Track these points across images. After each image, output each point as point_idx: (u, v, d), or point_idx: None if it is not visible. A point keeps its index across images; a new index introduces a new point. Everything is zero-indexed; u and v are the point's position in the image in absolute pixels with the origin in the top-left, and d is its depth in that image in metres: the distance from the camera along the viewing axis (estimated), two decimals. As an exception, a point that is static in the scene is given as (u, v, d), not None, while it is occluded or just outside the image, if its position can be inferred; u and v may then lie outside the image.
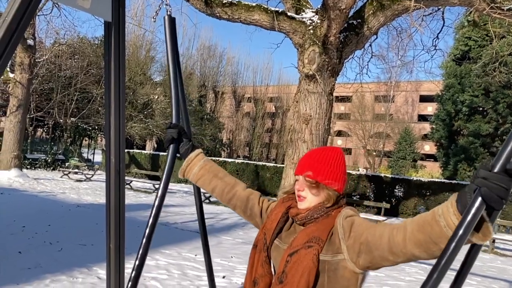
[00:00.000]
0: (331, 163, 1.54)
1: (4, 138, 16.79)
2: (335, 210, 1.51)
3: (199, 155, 1.81)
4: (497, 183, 0.96)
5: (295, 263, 1.40)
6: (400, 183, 16.75)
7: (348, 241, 1.38)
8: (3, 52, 2.10)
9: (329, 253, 1.40)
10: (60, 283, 4.79)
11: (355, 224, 1.41)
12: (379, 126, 42.98)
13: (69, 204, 11.06)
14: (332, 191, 1.51)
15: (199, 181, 1.80)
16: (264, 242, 1.58)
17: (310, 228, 1.48)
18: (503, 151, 0.98)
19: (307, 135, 9.63)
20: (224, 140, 39.33)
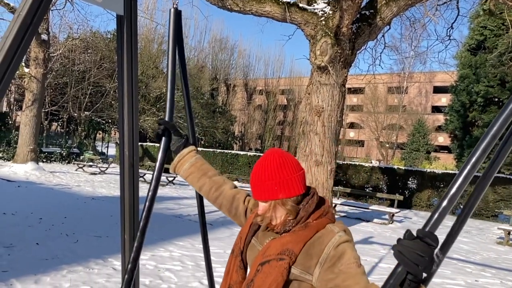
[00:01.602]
0: (274, 174, 1.42)
1: (20, 132, 17.06)
2: (315, 221, 1.41)
3: (192, 152, 1.79)
4: (416, 252, 0.99)
5: (265, 273, 1.36)
6: (413, 175, 16.62)
7: (324, 272, 1.31)
8: (18, 46, 2.14)
9: (299, 267, 1.35)
10: (76, 273, 4.89)
11: (342, 262, 1.29)
12: (392, 118, 42.60)
13: (84, 196, 11.23)
14: (290, 200, 1.41)
15: (188, 178, 1.78)
16: (239, 246, 1.55)
17: (285, 238, 1.41)
18: (428, 220, 1.02)
19: (319, 127, 9.60)
20: (236, 133, 39.40)
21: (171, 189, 15.37)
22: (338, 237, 1.35)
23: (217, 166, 21.69)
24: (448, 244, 1.02)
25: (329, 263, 1.30)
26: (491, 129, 0.98)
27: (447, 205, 1.00)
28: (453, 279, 6.23)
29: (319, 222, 1.42)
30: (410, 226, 11.60)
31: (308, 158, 9.73)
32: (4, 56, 2.17)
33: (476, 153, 0.98)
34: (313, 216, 1.43)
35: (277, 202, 1.42)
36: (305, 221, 1.42)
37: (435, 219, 1.00)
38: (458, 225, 1.03)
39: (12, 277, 4.50)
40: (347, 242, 1.34)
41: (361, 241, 8.70)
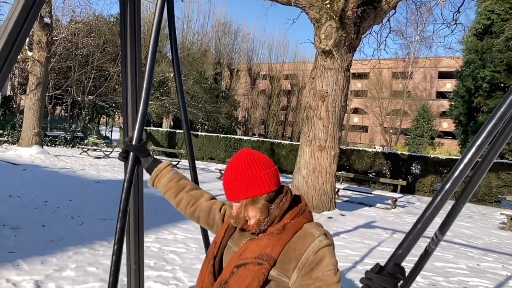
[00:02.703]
0: (243, 172, 1.41)
1: (24, 115, 17.12)
2: (291, 221, 1.39)
3: (168, 166, 1.77)
4: (380, 284, 1.04)
5: (241, 277, 1.33)
6: (417, 160, 16.62)
7: (301, 277, 1.29)
8: (21, 28, 2.14)
9: (277, 269, 1.33)
10: (82, 255, 4.96)
11: (320, 269, 1.28)
12: (396, 103, 42.41)
13: (88, 180, 11.31)
14: (261, 198, 1.40)
15: (167, 193, 1.74)
16: (212, 250, 1.52)
17: (263, 240, 1.37)
18: (395, 252, 1.05)
19: (323, 112, 9.59)
20: (240, 118, 39.34)
21: (175, 173, 15.44)
22: (318, 241, 1.32)
23: (221, 151, 21.75)
24: (447, 225, 1.03)
25: (307, 268, 1.29)
26: (498, 110, 0.97)
27: (450, 188, 1.00)
28: (455, 263, 6.28)
29: (296, 222, 1.39)
30: (413, 211, 11.64)
31: (311, 143, 9.74)
32: (7, 38, 2.17)
33: (482, 134, 0.97)
34: (289, 215, 1.40)
35: (248, 201, 1.41)
36: (280, 220, 1.40)
37: (438, 200, 1.01)
38: (458, 206, 1.03)
39: (19, 258, 4.57)
40: (327, 246, 1.32)
41: (363, 225, 8.75)
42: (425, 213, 1.01)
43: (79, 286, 4.01)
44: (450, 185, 1.00)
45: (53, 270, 4.36)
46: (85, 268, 4.51)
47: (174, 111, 28.53)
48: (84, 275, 4.32)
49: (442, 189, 1.01)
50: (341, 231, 7.97)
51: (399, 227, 8.90)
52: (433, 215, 1.01)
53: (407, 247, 1.03)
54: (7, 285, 3.86)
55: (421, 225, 1.01)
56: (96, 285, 4.08)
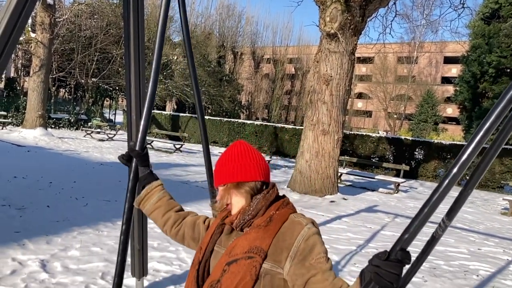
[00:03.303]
0: (234, 159, 1.45)
1: (28, 97, 17.15)
2: (277, 212, 1.40)
3: (159, 186, 1.72)
4: (388, 270, 1.02)
5: (233, 273, 1.31)
6: (420, 145, 16.58)
7: (295, 266, 1.29)
8: (23, 8, 2.13)
9: (269, 261, 1.32)
10: (86, 235, 5.02)
11: (312, 256, 1.29)
12: (401, 88, 42.17)
13: (92, 162, 11.37)
14: (247, 184, 1.42)
15: (154, 212, 1.68)
16: (197, 256, 1.50)
17: (251, 234, 1.37)
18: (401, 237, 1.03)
19: (327, 96, 9.55)
20: (243, 102, 39.24)
21: (178, 156, 15.50)
22: (307, 229, 1.33)
23: (224, 135, 21.76)
24: (454, 210, 1.01)
25: (300, 256, 1.29)
26: (507, 92, 0.94)
27: (457, 172, 0.98)
28: (456, 247, 6.32)
29: (281, 213, 1.40)
30: (415, 196, 11.67)
31: (315, 127, 9.73)
32: (9, 18, 2.16)
33: (490, 117, 0.94)
34: (273, 207, 1.41)
35: (233, 185, 1.43)
36: (265, 210, 1.40)
37: (445, 185, 0.99)
38: (466, 192, 1.01)
39: (24, 238, 4.63)
40: (316, 234, 1.33)
41: (365, 209, 8.79)
42: (432, 197, 0.99)
43: (84, 266, 4.06)
44: (457, 169, 0.98)
45: (58, 249, 4.42)
46: (90, 248, 4.57)
47: (178, 94, 28.49)
48: (88, 255, 4.38)
49: (449, 174, 0.99)
50: (343, 215, 8.01)
51: (401, 212, 8.94)
52: (439, 200, 0.99)
53: (413, 232, 1.01)
54: (13, 264, 3.92)
55: (427, 210, 1.00)
56: (101, 264, 4.14)
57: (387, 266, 1.02)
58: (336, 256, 5.26)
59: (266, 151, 19.24)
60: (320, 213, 7.88)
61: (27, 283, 3.54)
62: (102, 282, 3.74)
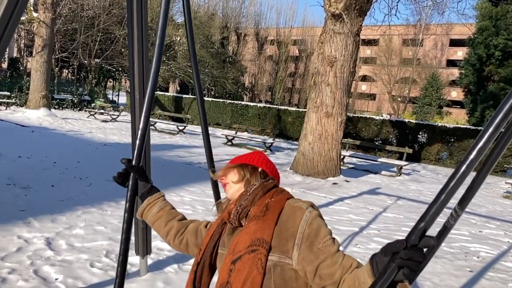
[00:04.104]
0: (243, 155, 1.54)
1: (31, 78, 17.13)
2: (272, 199, 1.38)
3: (161, 196, 1.71)
4: (411, 259, 0.96)
5: (239, 271, 1.26)
6: (424, 128, 16.54)
7: (303, 253, 1.26)
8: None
9: (276, 253, 1.28)
10: (90, 214, 5.07)
11: (319, 241, 1.26)
12: (405, 71, 41.86)
13: (96, 143, 11.41)
14: (250, 166, 1.47)
15: (156, 222, 1.66)
16: (197, 257, 1.47)
17: (250, 227, 1.33)
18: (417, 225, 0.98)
19: (331, 78, 9.49)
20: (246, 84, 39.06)
21: (181, 137, 15.53)
22: (308, 213, 1.30)
23: (227, 117, 21.74)
24: (467, 199, 0.97)
25: (306, 242, 1.26)
26: None
27: (475, 158, 0.94)
28: (458, 229, 6.35)
29: (277, 200, 1.38)
30: (418, 179, 11.69)
31: (318, 109, 9.70)
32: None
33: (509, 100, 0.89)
34: (268, 195, 1.40)
35: (235, 164, 1.49)
36: (261, 197, 1.39)
37: (462, 170, 0.95)
38: (479, 179, 0.97)
39: (29, 216, 4.68)
40: (318, 217, 1.31)
41: (368, 191, 8.82)
42: (448, 184, 0.96)
43: (88, 244, 4.11)
44: (475, 155, 0.94)
45: (63, 228, 4.47)
46: (94, 227, 4.62)
47: (181, 76, 28.36)
48: (93, 233, 4.43)
49: (466, 159, 0.95)
50: (345, 196, 8.05)
51: (403, 194, 8.97)
52: (456, 187, 0.96)
53: (429, 221, 0.97)
54: (19, 241, 3.97)
55: (444, 197, 0.96)
56: (105, 243, 4.19)
57: (407, 254, 0.96)
58: (338, 237, 5.30)
59: (269, 134, 19.23)
60: (323, 195, 7.91)
61: (33, 260, 3.59)
62: (106, 260, 3.79)
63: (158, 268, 3.67)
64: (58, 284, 3.22)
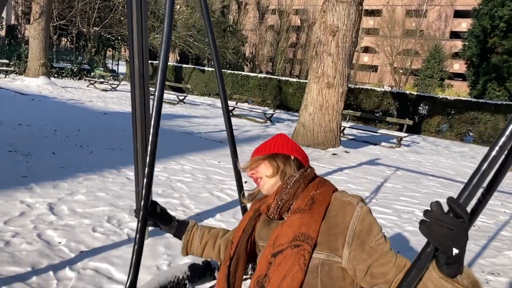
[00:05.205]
0: (268, 141, 1.44)
1: (30, 45, 16.94)
2: (317, 192, 1.30)
3: (194, 226, 1.65)
4: (439, 222, 0.87)
5: (279, 265, 1.20)
6: (425, 100, 16.48)
7: (355, 252, 1.19)
8: None
9: (324, 251, 1.21)
10: (92, 181, 5.11)
11: (371, 239, 1.19)
12: (408, 43, 41.35)
13: (96, 111, 11.39)
14: (281, 156, 1.38)
15: (204, 252, 1.62)
16: (229, 251, 1.44)
17: (295, 220, 1.25)
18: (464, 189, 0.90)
19: (333, 47, 9.39)
20: (247, 54, 38.64)
21: (181, 107, 15.49)
22: (359, 209, 1.23)
23: (228, 88, 21.60)
24: (495, 184, 0.91)
25: (358, 240, 1.19)
26: None
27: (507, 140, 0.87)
28: (455, 200, 6.42)
29: (323, 193, 1.30)
30: (417, 151, 11.73)
31: (320, 80, 9.64)
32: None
33: None
34: (312, 186, 1.33)
35: (266, 156, 1.38)
36: (303, 189, 1.32)
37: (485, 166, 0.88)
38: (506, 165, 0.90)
39: (31, 182, 4.72)
40: (369, 213, 1.24)
41: (367, 162, 8.87)
42: (481, 166, 0.88)
43: (90, 210, 4.17)
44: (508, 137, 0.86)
45: (64, 194, 4.52)
46: (95, 193, 4.67)
47: (181, 45, 28.02)
48: (94, 199, 4.48)
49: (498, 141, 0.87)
50: (344, 167, 8.09)
51: (402, 165, 9.02)
52: (488, 170, 0.88)
53: (466, 200, 0.88)
54: (22, 206, 4.02)
55: (476, 179, 0.88)
56: (106, 209, 4.24)
57: (441, 218, 0.87)
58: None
59: (269, 105, 19.18)
60: (322, 165, 7.96)
61: (36, 224, 3.65)
62: (108, 225, 3.84)
63: (159, 233, 3.73)
64: (61, 247, 3.28)
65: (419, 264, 0.93)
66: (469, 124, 15.48)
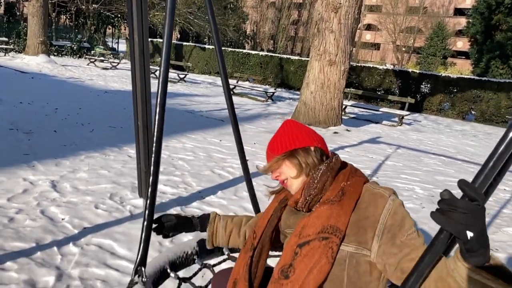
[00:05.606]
0: (281, 134, 1.36)
1: (29, 23, 16.77)
2: (348, 182, 1.26)
3: (215, 217, 1.65)
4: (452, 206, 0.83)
5: (306, 256, 1.18)
6: (427, 78, 16.35)
7: (384, 245, 1.15)
8: None
9: (353, 243, 1.18)
10: (94, 159, 5.13)
11: (403, 233, 1.14)
12: (411, 20, 40.83)
13: (97, 90, 11.35)
14: (301, 150, 1.31)
15: (230, 241, 1.63)
16: (251, 241, 1.41)
17: (323, 211, 1.21)
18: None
19: (335, 24, 9.27)
20: (248, 32, 38.21)
21: (182, 86, 15.42)
22: (391, 201, 1.19)
23: (228, 66, 21.45)
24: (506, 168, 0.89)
25: (389, 234, 1.15)
26: None
27: None
28: (456, 177, 6.45)
29: (354, 184, 1.25)
30: (419, 129, 11.72)
31: (321, 57, 9.55)
32: None
33: None
34: (342, 177, 1.28)
35: (286, 155, 1.32)
36: (332, 182, 1.27)
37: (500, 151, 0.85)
38: None
39: (33, 160, 4.74)
40: (402, 206, 1.19)
41: (368, 140, 8.87)
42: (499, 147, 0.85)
43: (93, 187, 4.19)
44: None
45: (67, 171, 4.54)
46: (97, 171, 4.69)
47: (181, 23, 27.69)
48: (96, 177, 4.50)
49: None
50: (345, 145, 8.10)
51: (403, 143, 9.03)
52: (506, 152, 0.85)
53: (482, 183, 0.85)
54: (24, 183, 4.05)
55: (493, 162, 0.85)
56: (108, 186, 4.27)
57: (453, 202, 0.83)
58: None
59: (270, 83, 19.07)
60: (323, 143, 7.96)
61: (39, 201, 3.68)
62: (110, 202, 3.87)
63: (161, 210, 3.76)
64: (65, 223, 3.32)
65: (433, 251, 0.90)
66: (471, 103, 15.41)
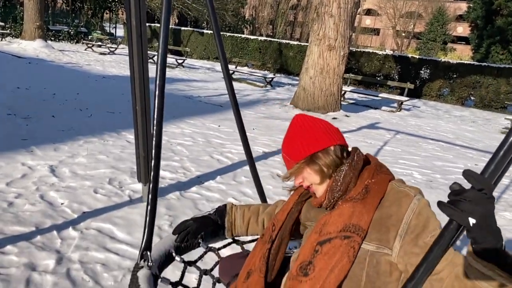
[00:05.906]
0: (296, 135, 1.29)
1: (25, 7, 16.58)
2: (373, 180, 1.22)
3: (231, 207, 1.66)
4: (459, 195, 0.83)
5: (326, 254, 1.15)
6: (427, 64, 16.28)
7: (407, 245, 1.11)
8: None
9: (374, 242, 1.15)
10: (92, 144, 5.12)
11: (427, 234, 1.10)
12: (411, 5, 40.47)
13: (95, 75, 11.28)
14: (319, 155, 1.24)
15: (249, 230, 1.63)
16: (270, 234, 1.39)
17: (345, 209, 1.18)
18: None
19: (335, 8, 9.20)
20: (247, 17, 37.83)
21: (180, 71, 15.34)
22: (417, 201, 1.15)
23: (227, 51, 21.28)
24: None
25: (412, 234, 1.11)
26: None
27: None
28: (454, 162, 6.47)
29: (378, 182, 1.21)
30: (418, 115, 11.71)
31: (321, 42, 9.49)
32: None
33: None
34: (367, 174, 1.24)
35: (306, 161, 1.25)
36: (356, 181, 1.23)
37: None
38: None
39: (32, 145, 4.73)
40: (427, 206, 1.15)
41: (367, 126, 8.87)
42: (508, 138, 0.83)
43: (91, 172, 4.20)
44: None
45: (65, 156, 4.54)
46: (96, 156, 4.69)
47: (179, 7, 27.44)
48: (95, 162, 4.50)
49: None
50: (344, 130, 8.10)
51: (402, 129, 9.03)
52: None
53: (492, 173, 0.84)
54: (23, 168, 4.05)
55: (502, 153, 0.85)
56: (107, 171, 4.27)
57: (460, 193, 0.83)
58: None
59: (269, 68, 18.98)
60: (322, 129, 7.95)
61: (38, 186, 3.68)
62: (109, 186, 3.88)
63: (160, 195, 3.77)
64: (64, 208, 3.33)
65: (442, 242, 0.88)
66: (471, 88, 15.37)
